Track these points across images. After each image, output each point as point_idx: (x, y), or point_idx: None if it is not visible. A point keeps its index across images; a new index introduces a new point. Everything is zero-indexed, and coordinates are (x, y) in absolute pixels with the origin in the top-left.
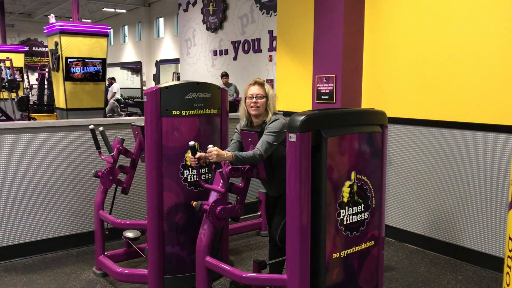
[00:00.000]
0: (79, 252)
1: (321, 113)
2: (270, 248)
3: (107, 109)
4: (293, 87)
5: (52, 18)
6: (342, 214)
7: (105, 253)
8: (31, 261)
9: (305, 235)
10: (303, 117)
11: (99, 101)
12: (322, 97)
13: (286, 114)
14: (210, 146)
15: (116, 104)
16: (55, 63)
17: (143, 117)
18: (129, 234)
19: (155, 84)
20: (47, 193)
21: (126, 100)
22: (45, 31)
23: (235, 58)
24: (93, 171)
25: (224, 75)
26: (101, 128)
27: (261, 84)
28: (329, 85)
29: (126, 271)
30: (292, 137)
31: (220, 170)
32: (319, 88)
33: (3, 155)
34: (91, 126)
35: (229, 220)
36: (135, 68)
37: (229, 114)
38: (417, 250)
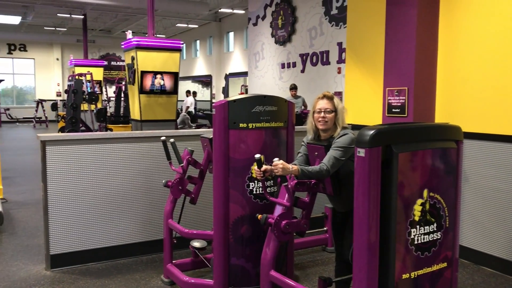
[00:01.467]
0: (148, 259)
1: (392, 128)
2: (337, 265)
3: (178, 121)
4: (362, 100)
5: (129, 34)
6: (413, 233)
7: (173, 261)
8: (104, 266)
9: (373, 253)
10: (373, 131)
11: (171, 113)
12: (393, 110)
13: (355, 127)
14: (276, 159)
15: (187, 116)
16: (131, 76)
17: (212, 129)
18: (196, 244)
19: (224, 97)
20: (120, 201)
21: (197, 112)
22: (122, 46)
23: (303, 71)
24: (163, 181)
25: (293, 88)
26: (172, 140)
27: (330, 98)
28: (400, 98)
29: (193, 281)
30: (361, 152)
31: (286, 183)
32: (390, 101)
33: (82, 164)
34: (163, 138)
35: (294, 234)
36: (205, 81)
37: (296, 127)
38: (496, 274)
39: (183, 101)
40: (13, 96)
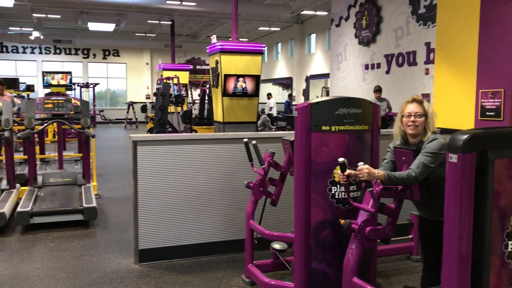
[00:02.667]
0: (230, 259)
1: (487, 132)
2: (423, 275)
3: (258, 123)
4: (453, 102)
5: (214, 39)
6: (510, 246)
7: (254, 262)
8: (188, 262)
9: (464, 265)
10: (466, 135)
11: (252, 115)
12: (487, 113)
13: (444, 131)
14: (361, 163)
15: (267, 118)
16: (215, 80)
17: (293, 132)
18: (277, 246)
19: (305, 99)
20: (204, 200)
21: (278, 115)
22: (207, 50)
23: (387, 72)
24: (245, 182)
25: (377, 90)
26: (254, 142)
27: (420, 102)
28: (495, 100)
29: (273, 282)
30: (453, 158)
31: (371, 189)
32: (483, 104)
33: (170, 163)
34: (245, 140)
35: (378, 241)
36: (286, 83)
37: (381, 130)
38: None
39: (265, 103)
40: (106, 98)
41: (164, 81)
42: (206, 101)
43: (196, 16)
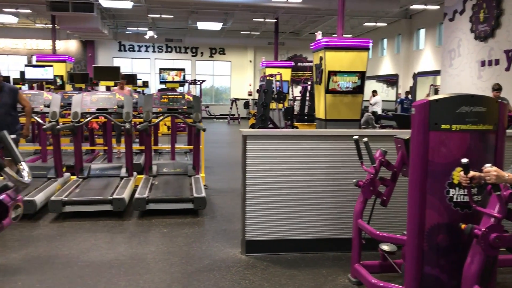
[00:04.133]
0: (335, 257)
1: None
2: None
3: (362, 121)
4: None
5: (319, 35)
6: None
7: (361, 262)
8: (293, 257)
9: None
10: None
11: (355, 112)
12: None
13: None
14: (488, 165)
15: (371, 116)
16: (318, 76)
17: (404, 130)
18: (385, 247)
19: (412, 97)
20: (311, 196)
21: (383, 113)
22: (311, 47)
23: (507, 69)
24: (354, 180)
25: (497, 89)
26: (365, 139)
27: None
28: None
29: (381, 284)
30: None
31: (499, 193)
32: None
33: (278, 158)
34: (356, 137)
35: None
36: (390, 81)
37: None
38: None
39: (368, 100)
40: (212, 94)
41: (267, 78)
42: (307, 98)
43: (300, 13)
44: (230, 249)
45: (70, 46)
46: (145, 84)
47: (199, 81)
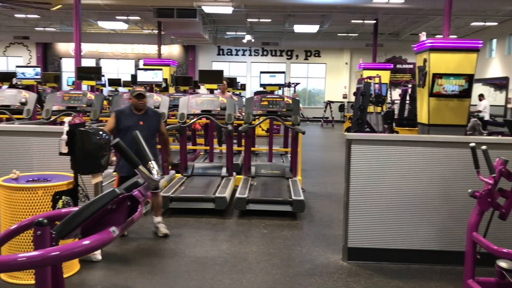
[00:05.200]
0: (443, 270)
1: None
2: None
3: (468, 126)
4: None
5: (423, 36)
6: None
7: (474, 278)
8: (397, 268)
9: None
10: None
11: (461, 118)
12: None
13: None
14: None
15: (478, 122)
16: (421, 79)
17: None
18: (504, 264)
19: None
20: (419, 205)
21: (490, 119)
22: (414, 48)
23: None
24: (469, 191)
25: None
26: (484, 147)
27: None
28: None
29: None
30: None
31: None
32: None
33: (384, 164)
34: (472, 144)
35: None
36: (499, 84)
37: None
38: None
39: (475, 105)
40: (305, 97)
41: (366, 80)
42: (408, 102)
43: (401, 13)
44: (331, 255)
45: (173, 50)
46: (243, 87)
47: (293, 83)
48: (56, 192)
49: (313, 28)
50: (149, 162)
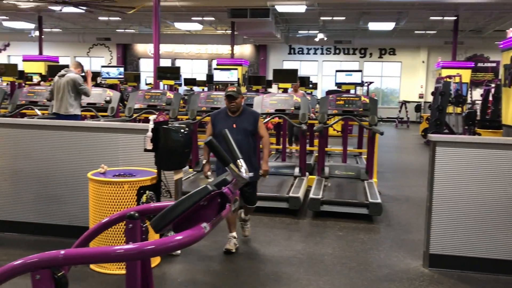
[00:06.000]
0: None
1: None
2: None
3: None
4: None
5: (510, 32)
6: None
7: None
8: (484, 278)
9: None
10: None
11: None
12: None
13: None
14: None
15: None
16: (508, 78)
17: None
18: None
19: None
20: (507, 212)
21: None
22: (500, 45)
23: None
24: None
25: None
26: None
27: None
28: None
29: None
30: None
31: None
32: None
33: (471, 168)
34: None
35: None
36: None
37: None
38: None
39: None
40: (378, 97)
41: (445, 79)
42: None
43: (485, 9)
44: (411, 261)
45: (245, 50)
46: (314, 86)
47: (366, 82)
48: (141, 186)
49: (389, 26)
50: (238, 160)
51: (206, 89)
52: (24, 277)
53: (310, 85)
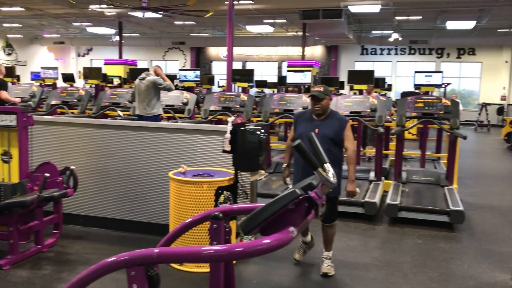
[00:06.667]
0: None
1: None
2: None
3: None
4: None
5: None
6: None
7: None
8: None
9: None
10: None
11: None
12: None
13: None
14: None
15: None
16: None
17: None
18: None
19: None
20: None
21: None
22: None
23: None
24: None
25: None
26: None
27: None
28: None
29: None
30: None
31: None
32: None
33: None
34: None
35: None
36: None
37: None
38: None
39: None
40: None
41: None
42: None
43: None
44: (499, 274)
45: (315, 51)
46: (389, 87)
47: (443, 84)
48: (219, 187)
49: (469, 24)
50: (325, 165)
51: (276, 91)
52: (120, 272)
53: (385, 87)
